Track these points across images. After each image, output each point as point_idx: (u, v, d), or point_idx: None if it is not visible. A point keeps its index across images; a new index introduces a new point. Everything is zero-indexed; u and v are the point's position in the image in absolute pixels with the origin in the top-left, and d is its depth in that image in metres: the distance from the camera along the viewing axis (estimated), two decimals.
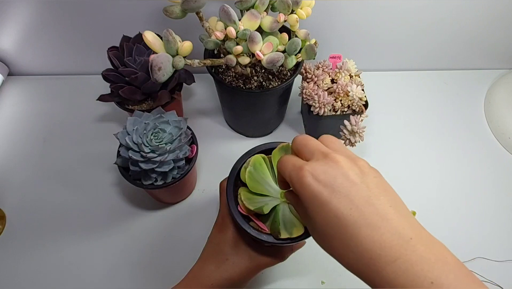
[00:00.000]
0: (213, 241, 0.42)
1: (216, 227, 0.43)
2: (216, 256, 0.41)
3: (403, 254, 0.24)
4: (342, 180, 0.27)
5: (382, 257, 0.25)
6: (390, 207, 0.27)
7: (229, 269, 0.40)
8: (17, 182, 0.58)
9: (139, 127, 0.45)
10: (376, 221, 0.26)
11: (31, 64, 0.69)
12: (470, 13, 0.63)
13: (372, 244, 0.25)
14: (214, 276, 0.39)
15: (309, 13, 0.46)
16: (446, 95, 0.71)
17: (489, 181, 0.60)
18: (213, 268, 0.40)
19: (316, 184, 0.27)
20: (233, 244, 0.41)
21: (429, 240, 0.26)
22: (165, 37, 0.40)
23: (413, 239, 0.25)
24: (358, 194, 0.27)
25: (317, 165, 0.28)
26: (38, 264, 0.51)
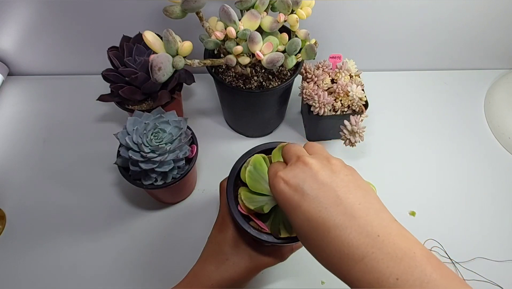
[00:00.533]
0: (213, 241, 0.42)
1: (216, 227, 0.43)
2: (216, 256, 0.41)
3: (370, 252, 0.25)
4: (311, 182, 0.28)
5: (350, 256, 0.25)
6: (359, 204, 0.27)
7: (230, 269, 0.40)
8: (17, 182, 0.58)
9: (139, 127, 0.45)
10: (343, 221, 0.26)
11: (31, 64, 0.69)
12: (470, 13, 0.63)
13: (341, 244, 0.26)
14: (214, 276, 0.39)
15: (309, 13, 0.46)
16: (446, 95, 0.71)
17: (489, 180, 0.60)
18: (213, 268, 0.40)
19: (287, 189, 0.28)
20: (233, 244, 0.41)
21: (398, 236, 0.26)
22: (165, 37, 0.40)
23: (380, 236, 0.25)
24: (326, 194, 0.27)
25: (289, 169, 0.29)
26: (38, 264, 0.51)
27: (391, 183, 0.59)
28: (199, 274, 0.40)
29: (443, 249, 0.52)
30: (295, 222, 0.28)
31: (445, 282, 0.23)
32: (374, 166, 0.61)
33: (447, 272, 0.24)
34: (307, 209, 0.27)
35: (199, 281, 0.39)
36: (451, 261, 0.51)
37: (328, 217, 0.26)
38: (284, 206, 0.29)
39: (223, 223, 0.42)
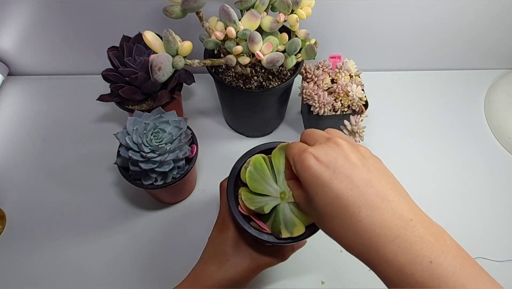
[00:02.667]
0: (214, 241, 0.42)
1: (217, 227, 0.43)
2: (217, 256, 0.41)
3: (403, 233, 0.25)
4: (343, 161, 0.28)
5: (381, 236, 0.25)
6: (391, 189, 0.27)
7: (231, 269, 0.40)
8: (17, 182, 0.58)
9: (139, 127, 0.45)
10: (376, 202, 0.26)
11: (31, 64, 0.69)
12: (470, 13, 0.63)
13: (372, 223, 0.25)
14: (215, 277, 0.39)
15: (309, 13, 0.46)
16: (446, 95, 0.71)
17: (489, 180, 0.60)
18: (215, 268, 0.40)
19: (317, 165, 0.28)
20: (234, 244, 0.41)
21: (429, 223, 0.27)
22: (165, 37, 0.40)
23: (413, 220, 0.26)
24: (359, 175, 0.27)
25: (319, 147, 0.29)
26: (38, 264, 0.51)
27: None
28: (200, 274, 0.40)
29: None
30: (322, 200, 0.28)
31: (475, 272, 0.24)
32: None
33: (475, 263, 0.25)
34: (337, 187, 0.27)
35: (200, 282, 0.39)
36: None
37: (360, 196, 0.26)
38: (312, 182, 0.28)
39: (223, 223, 0.42)
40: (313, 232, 0.40)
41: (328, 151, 0.29)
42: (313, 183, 0.28)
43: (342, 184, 0.27)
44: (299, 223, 0.40)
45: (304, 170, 0.29)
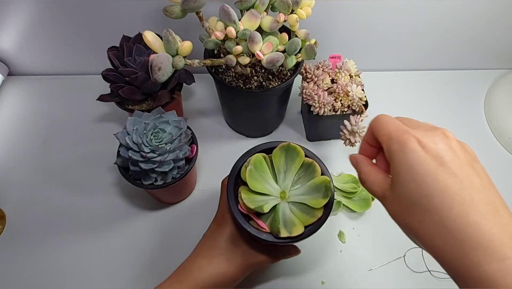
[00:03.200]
0: (210, 235, 0.42)
1: (215, 222, 0.43)
2: (210, 250, 0.41)
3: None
4: (453, 156, 0.25)
5: (489, 251, 0.23)
6: (500, 202, 0.25)
7: (222, 264, 0.40)
8: (17, 182, 0.58)
9: (139, 127, 0.45)
10: (487, 211, 0.24)
11: (31, 64, 0.69)
12: (470, 13, 0.63)
13: (481, 233, 0.23)
14: (205, 270, 0.39)
15: (309, 13, 0.46)
16: (446, 95, 0.71)
17: None
18: (206, 262, 0.40)
19: (423, 152, 0.26)
20: (230, 240, 0.41)
21: None
22: (165, 37, 0.40)
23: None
24: (469, 177, 0.25)
25: (425, 134, 0.27)
26: (38, 264, 0.51)
27: None
28: (190, 267, 0.40)
29: None
30: (420, 189, 0.25)
31: None
32: None
33: None
34: (445, 181, 0.24)
35: (190, 274, 0.39)
36: None
37: (469, 199, 0.24)
38: (411, 167, 0.26)
39: (222, 219, 0.42)
40: (312, 232, 0.40)
41: (436, 140, 0.26)
42: (414, 167, 0.25)
43: (449, 179, 0.24)
44: (298, 222, 0.40)
45: (404, 152, 0.26)
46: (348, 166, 0.60)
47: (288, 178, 0.43)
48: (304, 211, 0.41)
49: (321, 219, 0.40)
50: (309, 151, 0.45)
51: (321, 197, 0.41)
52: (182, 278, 0.39)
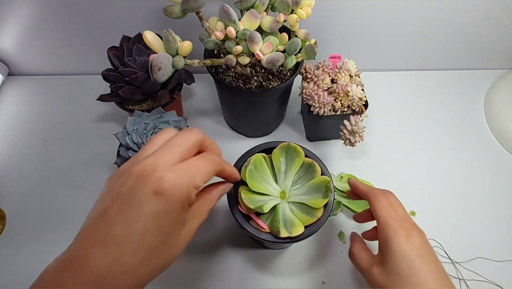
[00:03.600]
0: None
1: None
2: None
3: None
4: (428, 248, 0.37)
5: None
6: (445, 272, 0.37)
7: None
8: (17, 182, 0.58)
9: (139, 127, 0.45)
10: (445, 281, 0.36)
11: (31, 64, 0.69)
12: (470, 13, 0.63)
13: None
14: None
15: (309, 13, 0.46)
16: (446, 95, 0.71)
17: (489, 180, 0.60)
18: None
19: (410, 242, 0.36)
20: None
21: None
22: (165, 37, 0.40)
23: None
24: (438, 267, 0.36)
25: (411, 228, 0.38)
26: (38, 264, 0.51)
27: (391, 183, 0.58)
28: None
29: (443, 249, 0.52)
30: (411, 269, 0.35)
31: None
32: (374, 166, 0.61)
33: None
34: (426, 265, 0.35)
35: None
36: (451, 261, 0.51)
37: (441, 280, 0.35)
38: (406, 251, 0.36)
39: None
40: (312, 232, 0.40)
41: (418, 235, 0.37)
42: (406, 252, 0.35)
43: (428, 264, 0.35)
44: (298, 222, 0.40)
45: (399, 238, 0.36)
46: (348, 166, 0.60)
47: (288, 178, 0.43)
48: (304, 211, 0.41)
49: (321, 219, 0.40)
50: (309, 151, 0.45)
51: (321, 197, 0.41)
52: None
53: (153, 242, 0.27)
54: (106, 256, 0.25)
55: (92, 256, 0.25)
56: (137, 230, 0.26)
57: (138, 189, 0.27)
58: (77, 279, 0.25)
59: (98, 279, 0.25)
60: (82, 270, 0.25)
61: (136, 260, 0.26)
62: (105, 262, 0.25)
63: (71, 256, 0.27)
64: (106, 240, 0.26)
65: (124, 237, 0.26)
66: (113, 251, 0.25)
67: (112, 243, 0.26)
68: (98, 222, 0.27)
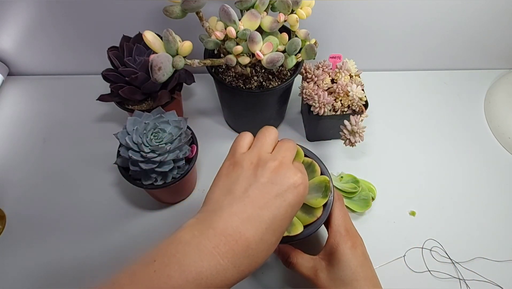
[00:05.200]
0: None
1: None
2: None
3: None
4: (366, 255, 0.43)
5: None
6: (376, 277, 0.42)
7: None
8: (17, 182, 0.58)
9: (139, 127, 0.45)
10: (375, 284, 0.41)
11: (31, 64, 0.69)
12: (470, 13, 0.63)
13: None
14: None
15: (309, 13, 0.46)
16: (446, 95, 0.71)
17: (489, 180, 0.60)
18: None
19: (356, 250, 0.41)
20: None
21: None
22: (165, 37, 0.40)
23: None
24: (370, 266, 0.42)
25: (356, 237, 0.43)
26: (38, 264, 0.51)
27: (391, 183, 0.59)
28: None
29: (443, 249, 0.52)
30: (354, 275, 0.40)
31: None
32: (374, 166, 0.61)
33: None
34: (366, 271, 0.41)
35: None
36: (451, 261, 0.51)
37: (374, 280, 0.41)
38: (352, 260, 0.40)
39: None
40: (311, 232, 0.40)
41: (360, 243, 0.42)
42: (351, 260, 0.40)
43: (368, 270, 0.41)
44: (297, 222, 0.40)
45: (347, 247, 0.41)
46: (348, 166, 0.60)
47: None
48: (303, 210, 0.41)
49: (320, 218, 0.40)
50: (309, 151, 0.45)
51: (320, 196, 0.41)
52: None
53: (285, 227, 0.32)
54: (256, 234, 0.29)
55: (244, 231, 0.29)
56: (281, 215, 0.31)
57: (279, 180, 0.32)
58: (230, 248, 0.28)
59: (248, 250, 0.29)
60: (235, 242, 0.29)
61: (274, 240, 0.31)
62: (256, 238, 0.29)
63: (220, 228, 0.29)
64: (256, 219, 0.30)
65: (272, 219, 0.30)
66: (261, 230, 0.30)
67: (261, 222, 0.30)
68: (242, 202, 0.31)
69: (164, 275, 0.27)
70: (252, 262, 0.29)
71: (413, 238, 0.53)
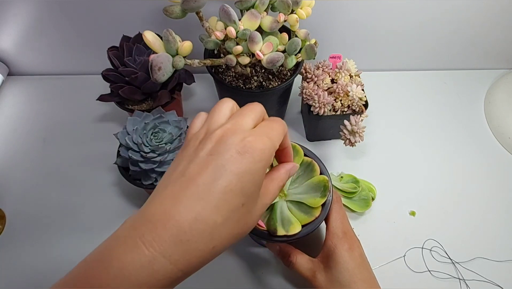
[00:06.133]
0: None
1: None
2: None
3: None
4: (365, 258, 0.43)
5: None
6: (374, 278, 0.42)
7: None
8: (17, 182, 0.58)
9: (139, 127, 0.45)
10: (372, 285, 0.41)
11: (31, 64, 0.69)
12: (470, 13, 0.63)
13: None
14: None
15: (309, 13, 0.46)
16: (446, 95, 0.71)
17: (489, 180, 0.60)
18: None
19: (353, 253, 0.41)
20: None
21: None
22: (165, 37, 0.40)
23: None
24: (370, 271, 0.42)
25: (352, 240, 0.43)
26: (38, 264, 0.51)
27: (391, 183, 0.59)
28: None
29: (443, 249, 0.52)
30: (352, 277, 0.40)
31: None
32: (374, 166, 0.61)
33: None
34: (363, 273, 0.41)
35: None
36: (451, 261, 0.51)
37: (371, 281, 0.42)
38: (349, 262, 0.41)
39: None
40: (309, 231, 0.40)
41: (358, 246, 0.43)
42: (348, 262, 0.40)
43: (365, 272, 0.41)
44: (295, 221, 0.40)
45: (344, 249, 0.41)
46: (348, 166, 0.60)
47: None
48: (302, 210, 0.41)
49: (319, 218, 0.40)
50: (309, 150, 0.45)
51: (319, 196, 0.41)
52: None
53: (234, 202, 0.26)
54: (189, 213, 0.24)
55: (174, 212, 0.24)
56: (220, 187, 0.25)
57: (221, 150, 0.26)
58: (157, 234, 0.24)
59: (179, 235, 0.24)
60: (163, 226, 0.24)
61: (218, 218, 0.25)
62: (188, 218, 0.24)
63: (148, 214, 0.26)
64: (188, 197, 0.25)
65: (207, 192, 0.25)
66: (195, 208, 0.25)
67: (194, 199, 0.25)
68: (177, 182, 0.26)
69: (92, 275, 0.25)
70: (190, 249, 0.24)
71: (413, 238, 0.53)
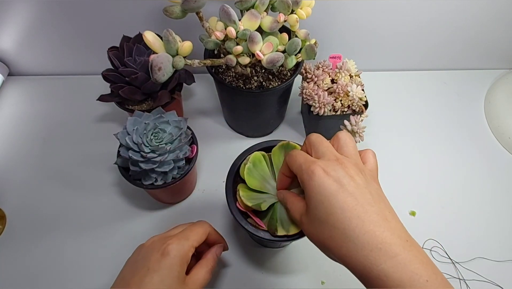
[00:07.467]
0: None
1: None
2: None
3: (401, 251, 0.27)
4: (349, 180, 0.30)
5: (383, 251, 0.27)
6: (389, 212, 0.30)
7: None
8: (17, 182, 0.58)
9: (139, 128, 0.45)
10: (378, 220, 0.29)
11: (31, 64, 0.69)
12: (470, 13, 0.63)
13: (375, 238, 0.28)
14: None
15: (309, 13, 0.46)
16: (446, 95, 0.71)
17: (489, 180, 0.60)
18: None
19: (326, 177, 0.30)
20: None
21: (418, 245, 0.30)
22: (165, 37, 0.40)
23: (408, 241, 0.29)
24: (362, 195, 0.30)
25: (328, 163, 0.32)
26: (38, 264, 0.51)
27: (391, 183, 0.58)
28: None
29: (443, 249, 0.52)
30: (327, 208, 0.30)
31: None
32: None
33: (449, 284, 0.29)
34: (343, 200, 0.29)
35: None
36: (451, 261, 0.51)
37: (363, 212, 0.29)
38: (319, 191, 0.30)
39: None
40: None
41: (336, 168, 0.31)
42: (321, 192, 0.30)
43: (347, 198, 0.29)
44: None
45: (313, 179, 0.31)
46: None
47: None
48: None
49: None
50: None
51: None
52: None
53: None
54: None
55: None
56: (148, 286, 0.34)
57: (149, 255, 0.36)
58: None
59: None
60: None
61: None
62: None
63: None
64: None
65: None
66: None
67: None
68: (117, 286, 0.36)
69: None
70: None
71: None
